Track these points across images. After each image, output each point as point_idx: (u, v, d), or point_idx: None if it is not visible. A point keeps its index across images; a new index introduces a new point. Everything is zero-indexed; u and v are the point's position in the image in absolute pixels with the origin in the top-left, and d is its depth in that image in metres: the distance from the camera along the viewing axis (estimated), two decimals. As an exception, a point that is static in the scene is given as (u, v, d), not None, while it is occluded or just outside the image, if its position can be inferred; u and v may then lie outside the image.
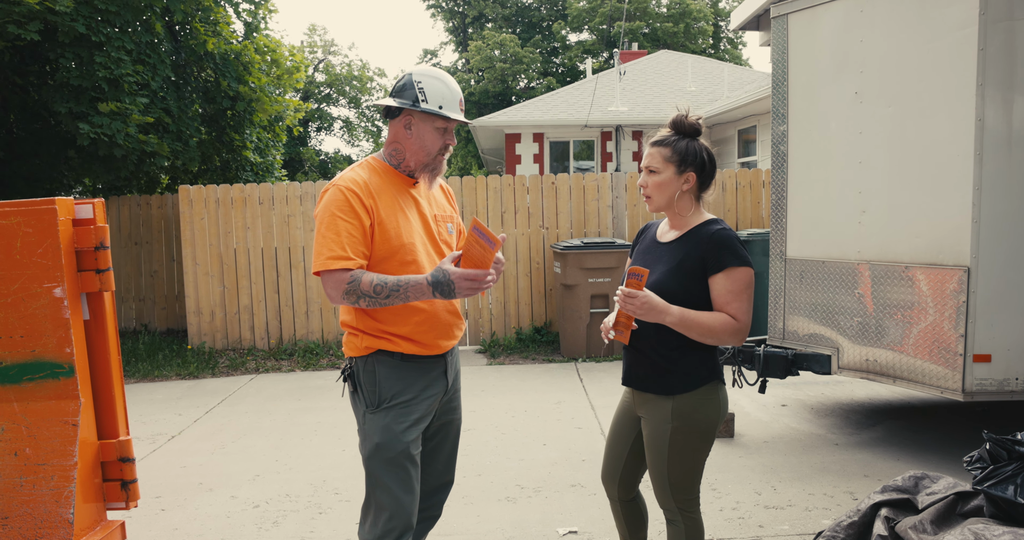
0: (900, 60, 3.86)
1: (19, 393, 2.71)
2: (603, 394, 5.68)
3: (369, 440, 2.23)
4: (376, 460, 2.21)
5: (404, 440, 2.20)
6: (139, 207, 8.64)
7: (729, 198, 7.75)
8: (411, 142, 2.27)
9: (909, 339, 3.87)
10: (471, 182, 7.70)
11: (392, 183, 2.29)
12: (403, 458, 2.20)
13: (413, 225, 2.27)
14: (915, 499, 2.70)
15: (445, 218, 2.41)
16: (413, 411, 2.24)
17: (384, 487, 2.20)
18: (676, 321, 2.11)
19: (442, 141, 2.28)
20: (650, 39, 29.53)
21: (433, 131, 2.26)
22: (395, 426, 2.20)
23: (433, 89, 2.23)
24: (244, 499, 3.81)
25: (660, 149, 2.24)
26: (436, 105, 2.23)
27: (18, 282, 2.69)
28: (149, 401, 5.96)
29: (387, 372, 2.23)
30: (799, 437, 4.55)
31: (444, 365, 2.33)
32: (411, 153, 2.29)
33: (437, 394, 2.32)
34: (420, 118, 2.24)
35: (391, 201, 2.25)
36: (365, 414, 2.25)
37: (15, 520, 2.64)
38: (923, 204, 3.79)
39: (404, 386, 2.23)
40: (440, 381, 2.32)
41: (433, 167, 2.31)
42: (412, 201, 2.32)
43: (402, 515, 2.20)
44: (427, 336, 2.25)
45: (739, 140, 13.09)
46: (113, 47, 7.29)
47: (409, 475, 2.22)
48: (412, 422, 2.23)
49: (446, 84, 2.26)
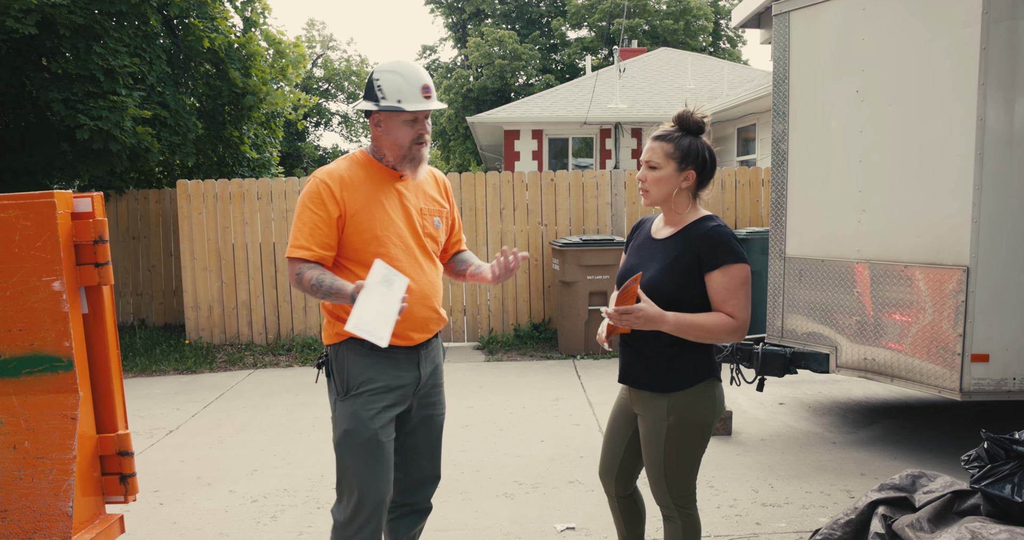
0: (901, 59, 3.86)
1: (18, 386, 2.71)
2: (601, 391, 5.69)
3: (338, 427, 2.27)
4: (344, 446, 2.25)
5: (372, 427, 2.23)
6: (137, 202, 8.62)
7: (728, 196, 7.75)
8: (384, 138, 2.31)
9: (907, 338, 3.88)
10: (470, 178, 7.69)
11: (375, 176, 2.33)
12: (371, 444, 2.23)
13: (392, 218, 2.30)
14: (912, 498, 2.71)
15: (432, 212, 2.42)
16: (381, 399, 2.26)
17: (352, 471, 2.25)
18: (672, 328, 2.10)
19: (413, 132, 2.29)
20: (649, 36, 29.51)
21: (401, 125, 2.27)
22: (362, 413, 2.24)
23: (390, 84, 2.24)
24: (242, 493, 3.81)
25: (662, 144, 2.23)
26: (395, 100, 2.24)
27: (17, 275, 2.68)
28: (147, 395, 5.95)
29: (356, 360, 2.27)
30: (796, 435, 4.56)
31: (417, 357, 2.35)
32: (387, 149, 2.32)
33: (408, 385, 2.33)
34: (385, 116, 2.28)
35: (369, 194, 2.29)
36: (336, 401, 2.30)
37: (14, 513, 2.64)
38: (923, 203, 3.80)
39: (373, 374, 2.27)
40: (411, 372, 2.33)
41: (411, 157, 2.32)
42: (395, 194, 2.34)
43: (371, 494, 2.24)
44: (400, 329, 2.24)
45: (738, 138, 13.09)
46: (111, 37, 7.26)
47: (377, 459, 2.25)
48: (380, 409, 2.26)
49: (402, 76, 2.25)
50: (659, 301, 2.15)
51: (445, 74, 33.07)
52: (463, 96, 29.94)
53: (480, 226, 7.67)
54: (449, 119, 30.29)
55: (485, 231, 7.67)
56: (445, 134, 31.81)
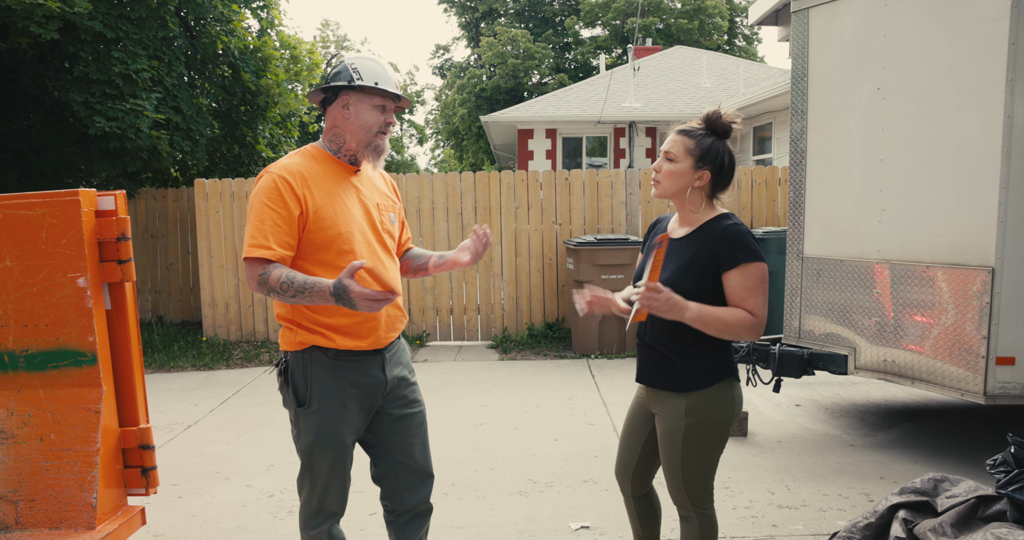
0: (925, 55, 3.82)
1: (44, 380, 2.74)
2: (615, 391, 5.68)
3: (303, 437, 2.24)
4: (312, 455, 2.24)
5: (340, 438, 2.23)
6: (155, 200, 8.70)
7: (744, 196, 7.72)
8: (350, 122, 2.23)
9: (929, 340, 3.84)
10: (484, 177, 7.69)
11: (331, 171, 2.25)
12: (340, 452, 2.24)
13: (352, 213, 2.22)
14: (934, 502, 2.69)
15: (387, 207, 2.36)
16: (345, 410, 2.23)
17: (319, 476, 2.25)
18: (695, 317, 2.09)
19: (382, 118, 2.23)
20: (664, 35, 29.39)
21: (372, 108, 2.22)
22: (327, 426, 2.21)
23: (367, 68, 2.21)
24: (259, 488, 3.83)
25: (684, 139, 2.21)
26: (372, 81, 2.19)
27: (43, 272, 2.71)
28: (165, 391, 6.00)
29: (318, 372, 2.20)
30: (813, 437, 4.53)
31: (382, 361, 2.28)
32: (351, 134, 2.23)
33: (374, 391, 2.28)
34: (357, 97, 2.21)
35: (329, 189, 2.20)
36: (296, 411, 2.25)
37: (41, 502, 2.68)
38: (946, 203, 3.75)
39: (335, 386, 2.21)
40: (375, 376, 2.27)
41: (375, 145, 2.25)
42: (352, 189, 2.27)
43: (333, 500, 2.28)
44: (364, 328, 2.21)
45: (754, 137, 13.01)
46: (131, 41, 7.34)
47: (344, 467, 2.27)
48: (345, 419, 2.23)
49: (380, 64, 2.24)
50: None
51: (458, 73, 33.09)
52: (476, 95, 29.95)
53: (494, 225, 7.67)
54: (462, 118, 30.31)
55: (500, 230, 7.68)
56: (459, 133, 31.85)
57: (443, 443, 4.49)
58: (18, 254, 2.70)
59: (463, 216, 7.67)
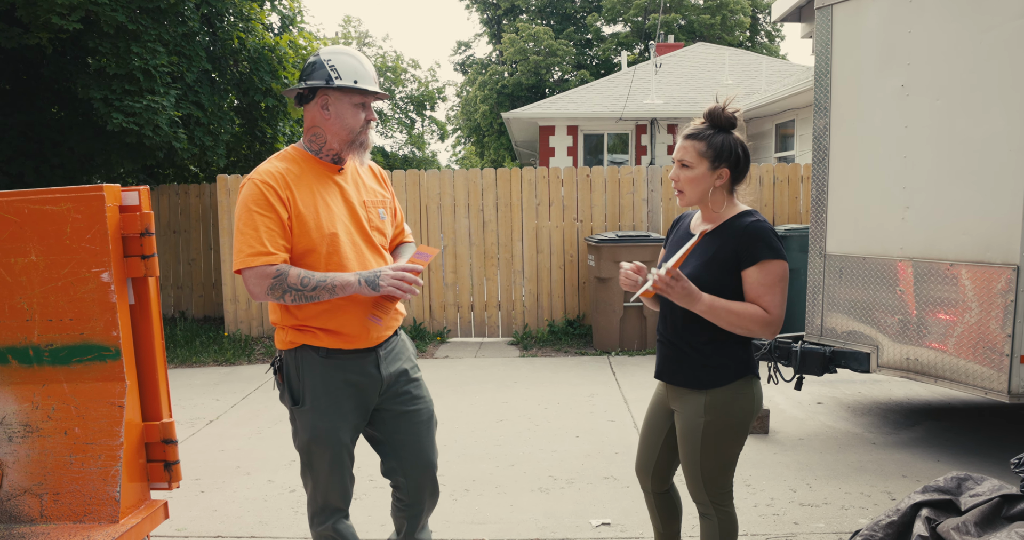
0: (951, 51, 3.75)
1: (69, 374, 2.79)
2: (636, 388, 5.66)
3: (300, 435, 2.28)
4: (309, 452, 2.28)
5: (335, 434, 2.24)
6: (177, 196, 8.81)
7: (767, 193, 7.64)
8: (331, 123, 2.20)
9: (952, 338, 3.78)
10: (505, 174, 7.70)
11: (312, 171, 2.23)
12: (337, 449, 2.26)
13: (336, 214, 2.20)
14: (957, 500, 2.64)
15: (376, 203, 2.33)
16: (340, 408, 2.24)
17: (318, 473, 2.29)
18: (706, 308, 2.08)
19: (363, 116, 2.21)
20: (686, 31, 29.16)
21: (352, 107, 2.19)
22: (322, 424, 2.23)
23: (345, 65, 2.17)
24: (280, 483, 3.87)
25: (694, 143, 2.18)
26: (351, 80, 2.16)
27: (68, 266, 2.76)
28: (188, 386, 6.09)
29: (310, 370, 2.22)
30: (835, 435, 4.48)
31: (376, 359, 2.27)
32: (332, 134, 2.21)
33: (370, 389, 2.27)
34: (336, 96, 2.18)
35: (310, 191, 2.19)
36: (291, 409, 2.29)
37: (66, 496, 2.73)
38: (971, 200, 3.69)
39: (328, 386, 2.22)
40: (370, 374, 2.26)
41: (360, 142, 2.24)
42: (336, 188, 2.24)
43: (335, 497, 2.31)
44: (353, 329, 2.20)
45: (776, 134, 12.88)
46: (150, 36, 7.42)
47: (342, 464, 2.28)
48: (340, 417, 2.24)
49: (358, 60, 2.21)
50: None
51: (480, 70, 33.11)
52: (498, 92, 29.95)
53: (516, 222, 7.67)
54: (484, 115, 30.32)
55: (521, 227, 7.68)
56: (480, 130, 31.87)
57: (464, 439, 4.51)
58: (43, 249, 2.75)
59: (484, 213, 7.68)
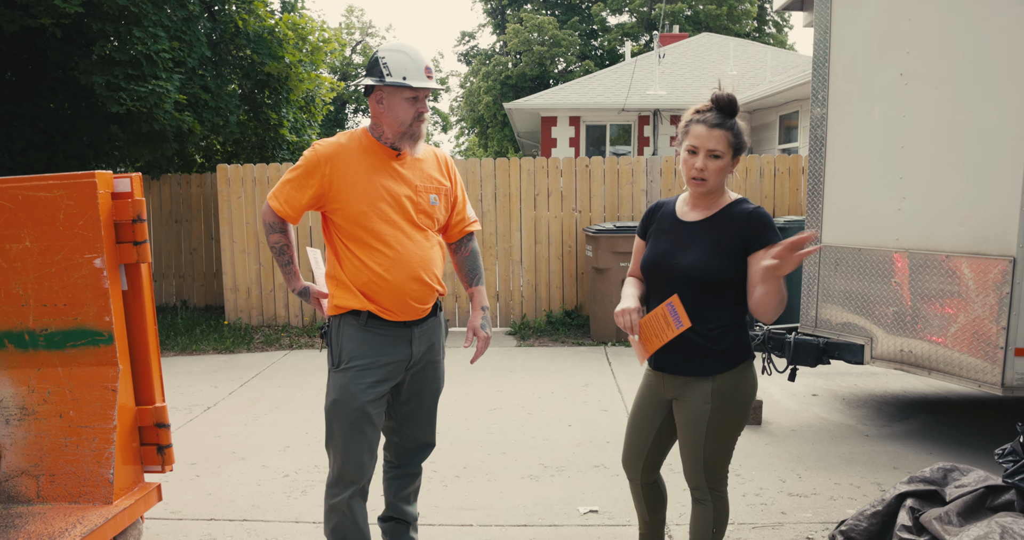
0: (952, 39, 3.73)
1: (63, 359, 2.82)
2: (631, 378, 5.67)
3: (329, 395, 2.44)
4: (333, 414, 2.42)
5: (360, 400, 2.38)
6: (179, 186, 8.83)
7: (767, 184, 7.62)
8: (385, 115, 2.40)
9: (947, 330, 3.78)
10: (504, 164, 7.69)
11: (371, 153, 2.43)
12: (358, 415, 2.39)
13: (380, 194, 2.39)
14: (943, 491, 2.66)
15: (429, 189, 2.51)
16: (370, 374, 2.40)
17: (337, 438, 2.42)
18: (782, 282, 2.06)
19: (414, 109, 2.38)
20: (692, 22, 28.99)
21: (403, 102, 2.36)
22: (352, 386, 2.39)
23: (396, 62, 2.35)
24: (274, 468, 3.91)
25: (724, 133, 2.16)
26: (400, 77, 2.34)
27: (61, 252, 2.78)
28: (187, 373, 6.13)
29: (350, 334, 2.41)
30: (828, 427, 4.49)
31: (410, 335, 2.46)
32: (387, 125, 2.41)
33: (399, 361, 2.45)
34: (389, 92, 2.37)
35: (360, 169, 2.39)
36: (329, 371, 2.46)
37: (61, 478, 2.76)
38: (969, 191, 3.67)
39: (364, 350, 2.40)
40: (403, 349, 2.45)
41: (411, 134, 2.42)
42: (390, 171, 2.43)
43: (350, 467, 2.41)
44: (391, 303, 2.40)
45: (780, 126, 12.83)
46: (151, 21, 7.41)
47: (361, 430, 2.40)
48: (369, 384, 2.39)
49: (408, 55, 2.37)
50: (705, 282, 2.16)
51: (484, 60, 32.99)
52: (501, 83, 29.85)
53: (514, 212, 7.67)
54: (487, 106, 30.24)
55: (519, 217, 7.68)
56: (483, 121, 31.79)
57: (457, 427, 4.53)
58: (37, 235, 2.77)
59: (483, 203, 7.68)
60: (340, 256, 2.44)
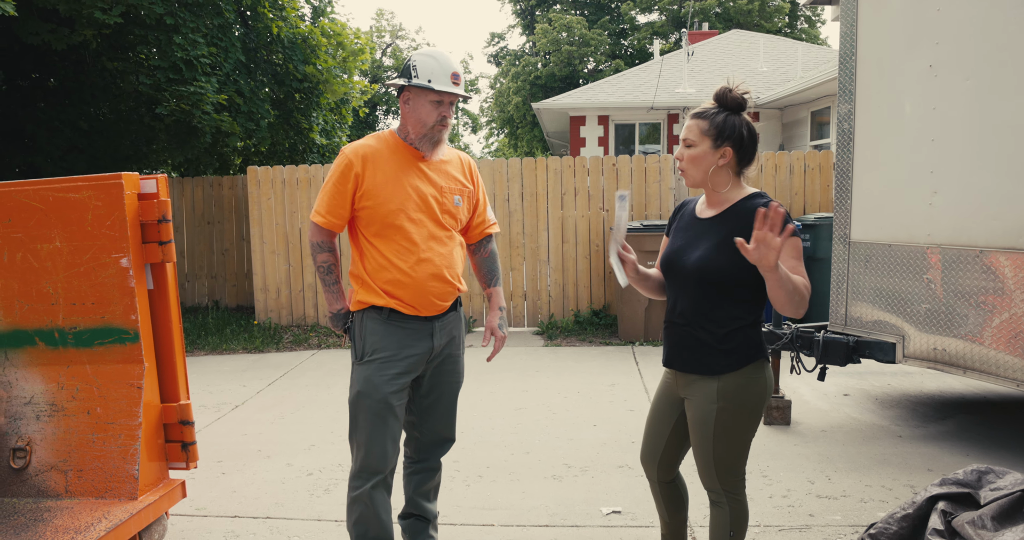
0: (982, 29, 3.62)
1: (91, 356, 2.88)
2: (658, 378, 5.61)
3: (353, 387, 2.50)
4: (357, 405, 2.48)
5: (383, 391, 2.44)
6: (211, 188, 8.98)
7: (797, 181, 7.49)
8: (409, 116, 2.48)
9: (983, 328, 3.67)
10: (531, 163, 7.68)
11: (398, 154, 2.50)
12: (381, 407, 2.44)
13: (408, 193, 2.46)
14: (977, 494, 2.57)
15: (453, 190, 2.57)
16: (393, 366, 2.46)
17: (360, 429, 2.47)
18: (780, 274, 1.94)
19: (437, 113, 2.44)
20: (723, 19, 28.65)
21: (427, 104, 2.43)
22: (375, 378, 2.45)
23: (424, 65, 2.42)
24: (299, 467, 3.95)
25: (698, 122, 2.19)
26: (425, 79, 2.41)
27: (89, 252, 2.84)
28: (217, 372, 6.23)
29: (372, 327, 2.48)
30: (860, 427, 4.39)
31: (431, 328, 2.54)
32: (411, 126, 2.49)
33: (420, 354, 2.51)
34: (415, 93, 2.45)
35: (388, 170, 2.46)
36: (353, 364, 2.53)
37: (88, 473, 2.82)
38: (1003, 184, 3.56)
39: (386, 343, 2.47)
40: (424, 342, 2.52)
41: (431, 137, 2.48)
42: (416, 172, 2.50)
43: (373, 457, 2.46)
44: (413, 299, 2.47)
45: (812, 122, 12.61)
46: (188, 28, 7.60)
47: (384, 421, 2.45)
48: (392, 376, 2.46)
49: (437, 60, 2.45)
50: (714, 278, 2.12)
51: (513, 61, 33.01)
52: (531, 83, 29.84)
53: (541, 211, 7.66)
54: (517, 107, 30.25)
55: (546, 217, 7.66)
56: (512, 122, 31.81)
57: (481, 426, 4.53)
58: (66, 235, 2.83)
59: (510, 202, 7.67)
60: (364, 253, 2.50)
